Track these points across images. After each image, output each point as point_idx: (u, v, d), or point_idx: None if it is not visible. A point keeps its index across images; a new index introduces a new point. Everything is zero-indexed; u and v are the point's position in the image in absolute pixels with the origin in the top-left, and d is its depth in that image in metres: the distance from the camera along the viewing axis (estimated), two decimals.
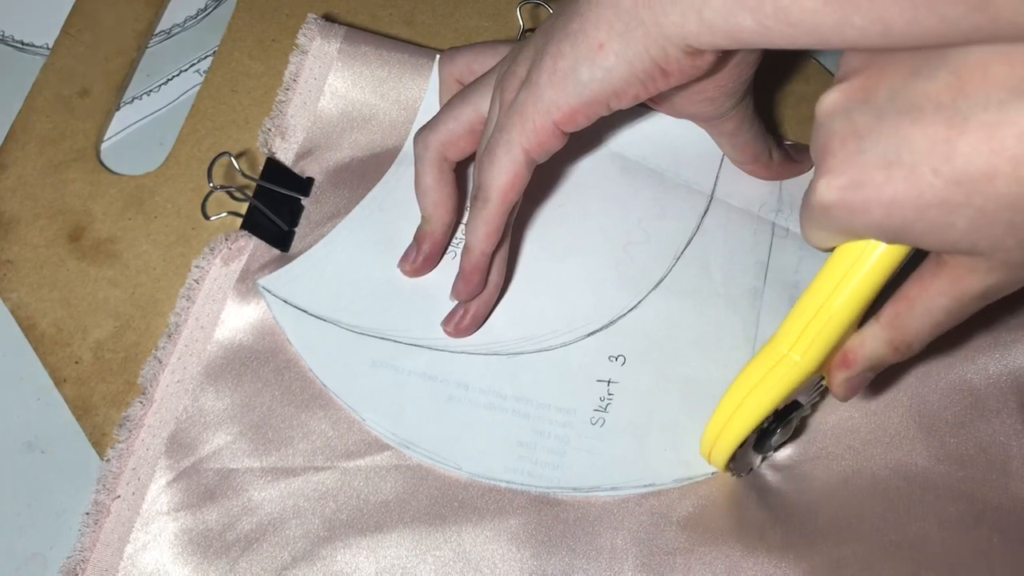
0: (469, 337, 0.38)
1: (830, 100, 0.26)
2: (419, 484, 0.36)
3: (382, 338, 0.38)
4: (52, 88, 0.43)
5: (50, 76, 0.44)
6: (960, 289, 0.26)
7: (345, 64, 0.41)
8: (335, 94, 0.41)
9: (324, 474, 0.35)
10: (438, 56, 0.41)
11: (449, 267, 0.39)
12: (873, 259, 0.27)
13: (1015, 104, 0.21)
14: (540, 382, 0.37)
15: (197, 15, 0.47)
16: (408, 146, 0.41)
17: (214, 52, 0.45)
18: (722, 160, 0.41)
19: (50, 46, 0.45)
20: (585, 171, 0.41)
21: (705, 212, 0.40)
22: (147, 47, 0.46)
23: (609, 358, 0.38)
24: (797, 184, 0.41)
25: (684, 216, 0.40)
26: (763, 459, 0.36)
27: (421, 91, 0.41)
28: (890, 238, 0.26)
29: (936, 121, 0.23)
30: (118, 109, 0.44)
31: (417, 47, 0.42)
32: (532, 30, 0.43)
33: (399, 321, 0.38)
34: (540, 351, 0.38)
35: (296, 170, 0.41)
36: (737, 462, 0.34)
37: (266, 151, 0.41)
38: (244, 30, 0.45)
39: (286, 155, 0.41)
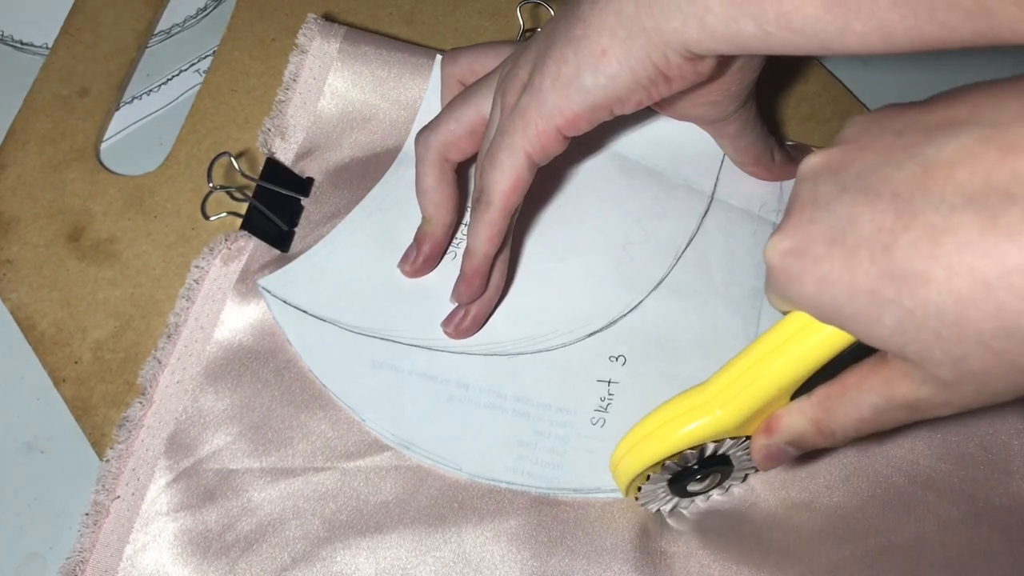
0: (469, 338, 0.38)
1: (810, 163, 0.25)
2: (419, 485, 0.36)
3: (382, 338, 0.38)
4: (52, 88, 0.43)
5: (50, 76, 0.43)
6: (890, 392, 0.25)
7: (345, 64, 0.41)
8: (335, 94, 0.41)
9: (324, 475, 0.35)
10: (439, 56, 0.41)
11: (449, 268, 0.39)
12: (817, 336, 0.25)
13: (965, 213, 0.20)
14: (540, 382, 0.37)
15: (197, 15, 0.47)
16: (408, 146, 0.41)
17: (214, 52, 0.44)
18: (722, 160, 0.41)
19: (50, 46, 0.45)
20: (585, 171, 0.41)
21: (705, 212, 0.40)
22: (147, 47, 0.46)
23: (609, 358, 0.37)
24: None
25: (684, 216, 0.40)
26: (680, 504, 0.35)
27: (421, 91, 0.41)
28: (822, 316, 0.25)
29: (887, 209, 0.22)
30: (118, 109, 0.44)
31: (417, 47, 0.42)
32: (532, 30, 0.43)
33: (399, 321, 0.38)
34: (540, 351, 0.38)
35: (296, 170, 0.41)
36: (646, 494, 0.33)
37: (266, 151, 0.41)
38: (244, 30, 0.44)
39: (286, 155, 0.41)
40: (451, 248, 0.39)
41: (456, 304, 0.37)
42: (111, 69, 0.44)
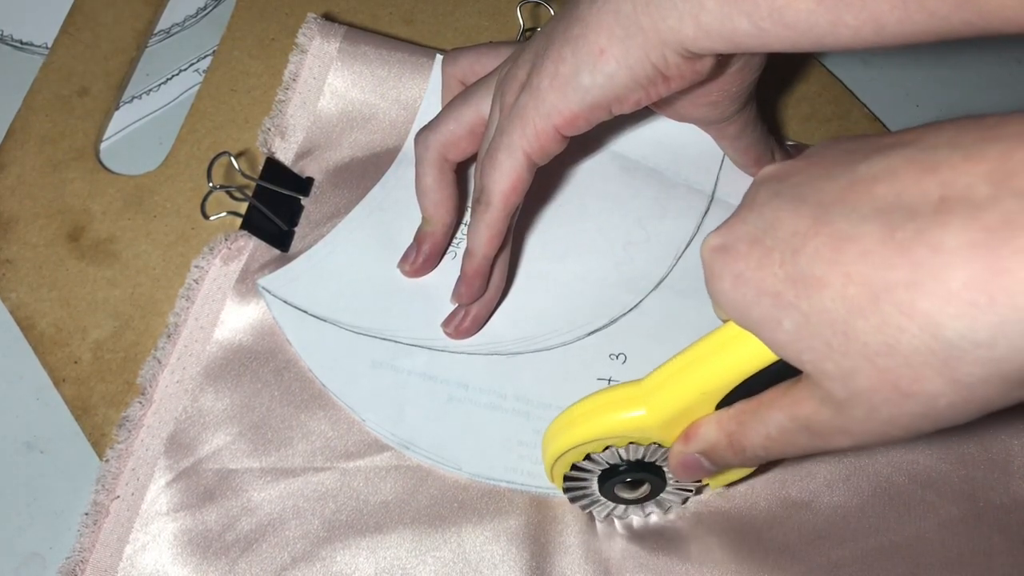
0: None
1: (765, 171, 0.26)
2: (419, 485, 0.35)
3: (382, 338, 0.38)
4: (51, 87, 0.43)
5: (49, 75, 0.43)
6: (794, 411, 0.24)
7: (345, 64, 0.41)
8: (335, 94, 0.41)
9: (324, 475, 0.35)
10: (439, 56, 0.41)
11: (449, 267, 0.39)
12: (744, 347, 0.25)
13: (871, 223, 0.21)
14: (540, 381, 0.37)
15: (197, 14, 0.47)
16: (408, 146, 0.41)
17: (214, 52, 0.44)
18: (723, 160, 0.41)
19: (49, 45, 0.44)
20: (585, 171, 0.41)
21: (706, 212, 0.40)
22: (147, 46, 0.46)
23: (610, 356, 0.37)
24: None
25: (685, 216, 0.40)
26: (615, 512, 0.34)
27: (421, 91, 0.41)
28: (735, 316, 0.25)
29: (807, 215, 0.22)
30: (118, 108, 0.44)
31: (417, 46, 0.42)
32: (532, 30, 0.43)
33: (399, 321, 0.38)
34: (540, 350, 0.38)
35: (296, 170, 0.41)
36: (573, 487, 0.32)
37: (266, 151, 0.41)
38: (244, 29, 0.44)
39: (286, 155, 0.41)
40: (451, 248, 0.39)
41: (456, 304, 0.37)
42: (111, 69, 0.44)
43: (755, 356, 0.25)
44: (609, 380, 0.37)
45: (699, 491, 0.35)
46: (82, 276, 0.39)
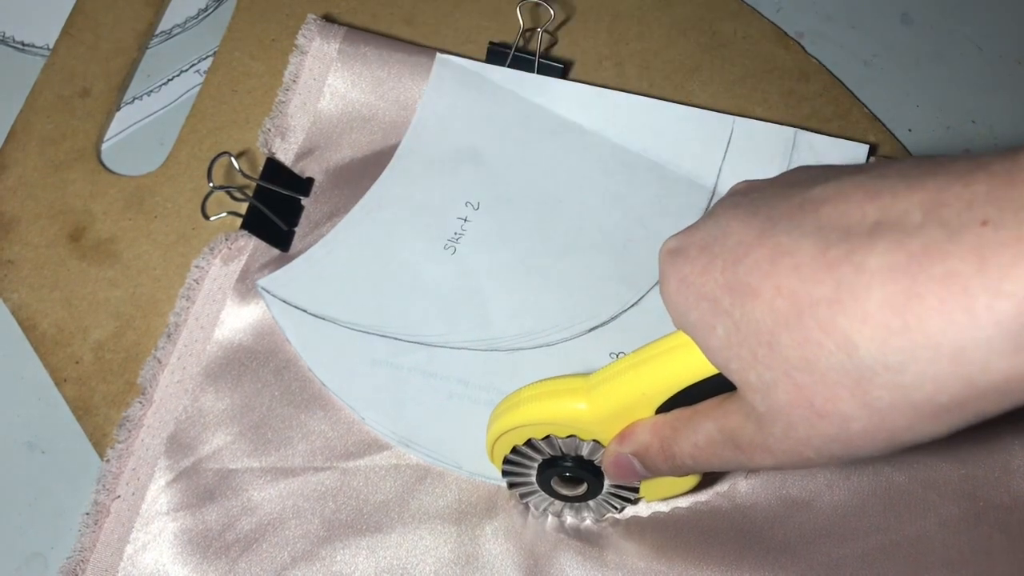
0: (469, 333, 0.38)
1: (736, 185, 0.26)
2: (418, 484, 0.36)
3: (381, 336, 0.38)
4: (53, 88, 0.43)
5: (51, 76, 0.44)
6: (723, 422, 0.24)
7: (345, 64, 0.41)
8: (335, 94, 0.41)
9: (323, 474, 0.35)
10: (438, 56, 0.41)
11: (448, 264, 0.39)
12: (687, 354, 0.25)
13: (809, 239, 0.21)
14: (540, 377, 0.37)
15: (197, 15, 0.47)
16: (407, 145, 0.41)
17: (214, 52, 0.45)
18: (725, 152, 0.41)
19: (51, 46, 0.45)
20: (586, 166, 0.41)
21: (707, 208, 0.40)
22: (147, 47, 0.46)
23: (610, 354, 0.37)
24: None
25: (686, 213, 0.40)
26: (550, 508, 0.34)
27: (420, 91, 0.41)
28: (676, 320, 0.25)
29: (754, 227, 0.23)
30: (118, 109, 0.44)
31: (417, 47, 0.42)
32: (532, 30, 0.43)
33: (398, 319, 0.38)
34: (540, 346, 0.38)
35: (296, 170, 0.41)
36: (512, 471, 0.32)
37: (266, 151, 0.41)
38: (244, 30, 0.45)
39: (286, 155, 0.41)
40: (450, 243, 0.39)
41: (454, 300, 0.37)
42: (112, 70, 0.44)
43: (696, 365, 0.25)
44: None
45: (636, 502, 0.34)
46: (83, 276, 0.39)
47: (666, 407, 0.27)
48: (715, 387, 0.25)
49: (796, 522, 0.35)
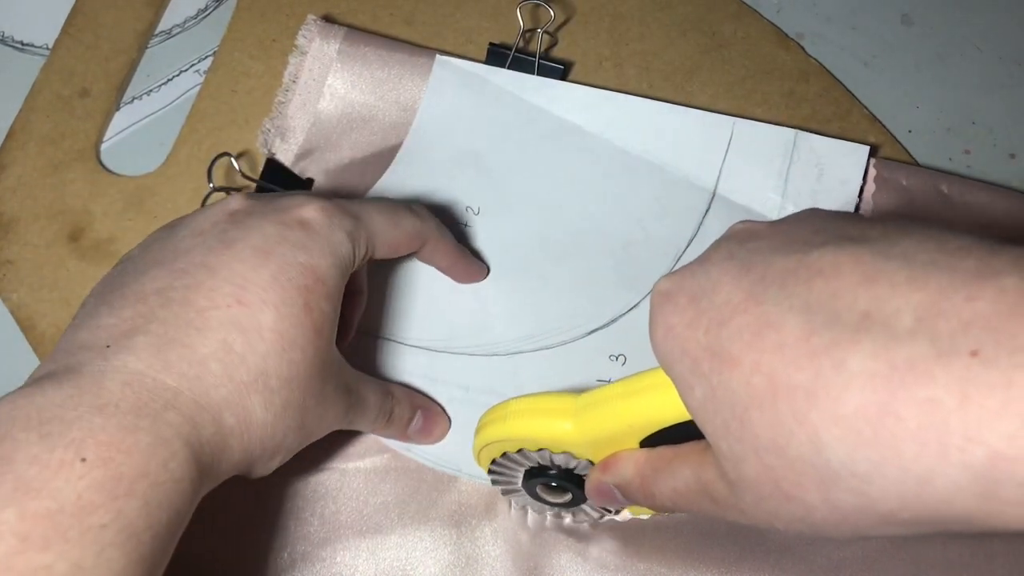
0: (469, 338, 0.38)
1: (736, 227, 0.26)
2: (418, 485, 0.35)
3: (381, 340, 0.38)
4: (52, 88, 0.43)
5: (50, 76, 0.43)
6: (699, 473, 0.24)
7: (344, 65, 0.41)
8: (335, 95, 0.41)
9: (323, 475, 0.35)
10: (438, 56, 0.41)
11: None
12: (674, 395, 0.25)
13: (796, 317, 0.20)
14: (540, 382, 0.37)
15: (197, 15, 0.47)
16: (407, 146, 0.41)
17: (214, 52, 0.45)
18: (725, 155, 0.40)
19: (50, 46, 0.45)
20: (585, 168, 0.41)
21: (707, 211, 0.40)
22: (147, 47, 0.46)
23: (609, 357, 0.37)
24: (804, 177, 0.40)
25: (685, 215, 0.40)
26: (532, 508, 0.35)
27: (420, 91, 0.41)
28: (662, 365, 0.24)
29: (744, 287, 0.22)
30: (118, 109, 0.44)
31: (417, 47, 0.42)
32: (532, 30, 0.43)
33: (399, 323, 0.38)
34: (540, 350, 0.38)
35: (296, 171, 0.41)
36: (499, 472, 0.32)
37: (266, 151, 0.41)
38: (244, 30, 0.44)
39: (286, 155, 0.41)
40: None
41: (455, 304, 0.37)
42: (111, 70, 0.44)
43: (682, 408, 0.25)
44: (609, 380, 0.37)
45: (617, 512, 0.34)
46: (83, 277, 0.39)
47: (652, 439, 0.27)
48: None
49: None
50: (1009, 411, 0.17)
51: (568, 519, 0.35)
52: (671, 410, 0.25)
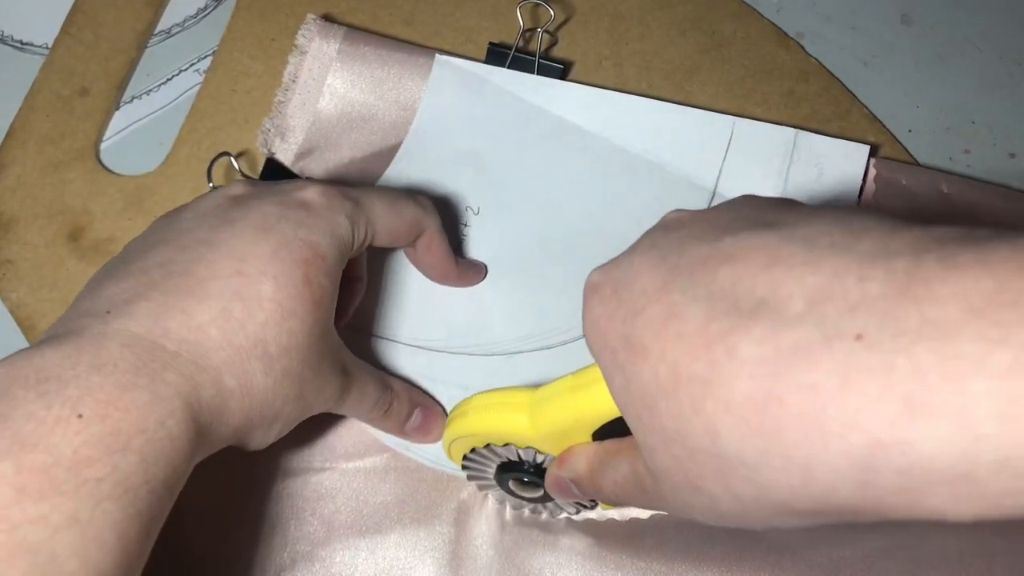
0: (469, 338, 0.38)
1: (669, 216, 0.25)
2: (418, 485, 0.35)
3: (381, 339, 0.37)
4: (52, 87, 0.43)
5: (50, 75, 0.43)
6: (634, 465, 0.24)
7: (344, 64, 0.41)
8: (334, 94, 0.41)
9: (323, 475, 0.35)
10: (438, 56, 0.41)
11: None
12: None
13: (699, 305, 0.20)
14: (540, 381, 0.37)
15: (197, 15, 0.47)
16: (407, 146, 0.41)
17: (214, 52, 0.44)
18: (725, 154, 0.40)
19: (50, 45, 0.45)
20: (585, 168, 0.41)
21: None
22: (147, 47, 0.46)
23: None
24: (804, 177, 0.40)
25: None
26: (508, 503, 0.35)
27: (420, 91, 0.41)
28: (592, 355, 0.24)
29: (659, 276, 0.21)
30: (118, 109, 0.44)
31: (416, 47, 0.42)
32: (532, 30, 0.43)
33: (398, 322, 0.38)
34: (539, 349, 0.38)
35: (295, 170, 0.41)
36: (471, 467, 0.32)
37: (266, 151, 0.41)
38: (244, 30, 0.44)
39: (286, 155, 0.41)
40: None
41: (453, 303, 0.37)
42: (111, 69, 0.44)
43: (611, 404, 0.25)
44: None
45: (592, 506, 0.34)
46: (82, 276, 0.39)
47: (605, 432, 0.27)
48: None
49: None
50: (889, 396, 0.16)
51: (545, 515, 0.35)
52: (613, 402, 0.25)
